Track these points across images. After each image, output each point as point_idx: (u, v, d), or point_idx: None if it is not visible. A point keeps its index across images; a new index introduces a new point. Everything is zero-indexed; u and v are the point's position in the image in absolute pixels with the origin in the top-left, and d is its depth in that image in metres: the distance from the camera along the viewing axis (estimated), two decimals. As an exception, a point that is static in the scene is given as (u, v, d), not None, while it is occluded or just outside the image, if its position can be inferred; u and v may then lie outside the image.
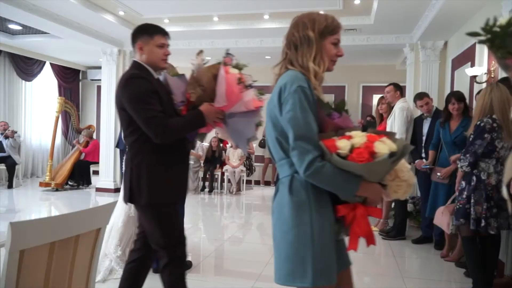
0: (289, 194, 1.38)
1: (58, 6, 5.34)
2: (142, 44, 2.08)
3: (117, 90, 2.00)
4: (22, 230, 1.21)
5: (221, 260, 3.79)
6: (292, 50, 1.50)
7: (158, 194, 1.98)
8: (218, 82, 2.05)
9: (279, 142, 1.41)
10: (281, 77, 1.45)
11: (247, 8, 5.58)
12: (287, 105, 1.35)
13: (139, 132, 1.96)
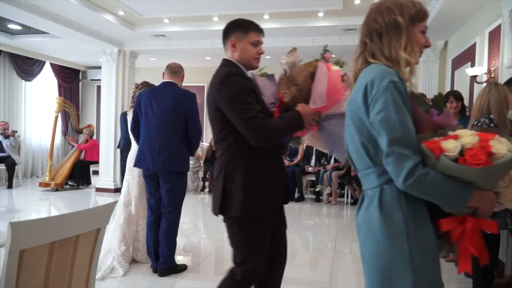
0: (379, 209, 1.18)
1: (58, 6, 5.35)
2: (236, 41, 1.91)
3: (210, 90, 1.84)
4: (22, 230, 1.21)
5: (221, 260, 3.79)
6: (375, 40, 1.26)
7: (253, 205, 1.79)
8: (317, 80, 1.87)
9: (365, 148, 1.22)
10: (363, 73, 1.25)
11: (247, 8, 5.58)
12: (376, 104, 1.15)
13: (234, 135, 1.78)
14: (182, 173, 3.18)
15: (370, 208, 1.22)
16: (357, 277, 3.46)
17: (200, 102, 9.84)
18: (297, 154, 7.50)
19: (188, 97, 3.18)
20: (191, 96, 3.20)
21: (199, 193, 7.67)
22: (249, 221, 1.81)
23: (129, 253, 3.40)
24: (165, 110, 3.10)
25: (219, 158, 1.86)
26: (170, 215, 3.17)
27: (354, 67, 1.32)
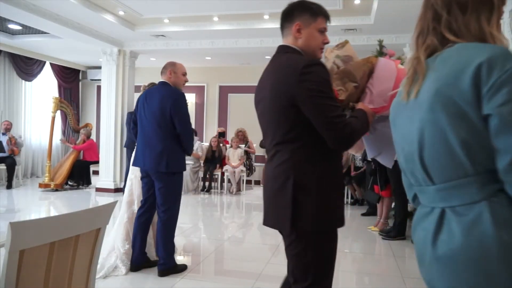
0: (495, 231, 0.87)
1: (58, 6, 5.35)
2: (302, 25, 1.66)
3: (280, 83, 1.54)
4: (22, 230, 1.21)
5: (221, 260, 3.79)
6: (455, 12, 1.02)
7: (326, 219, 1.52)
8: (379, 77, 1.65)
9: (467, 149, 0.92)
10: (457, 51, 0.98)
11: (247, 8, 5.58)
12: (501, 92, 0.87)
13: (303, 138, 1.51)
14: (173, 173, 3.15)
15: (475, 230, 0.90)
16: (357, 277, 3.46)
17: (200, 102, 9.91)
18: (297, 154, 7.49)
19: (172, 97, 3.15)
20: (175, 96, 3.17)
21: (199, 193, 7.67)
22: (322, 238, 1.53)
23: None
24: (152, 111, 3.16)
25: (282, 164, 1.53)
26: (164, 215, 3.17)
27: (421, 45, 1.06)
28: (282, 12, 1.70)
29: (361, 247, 4.39)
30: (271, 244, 4.38)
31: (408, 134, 1.06)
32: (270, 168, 1.60)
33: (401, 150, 1.10)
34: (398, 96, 1.13)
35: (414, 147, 1.03)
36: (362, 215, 5.88)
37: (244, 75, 9.23)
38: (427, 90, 0.99)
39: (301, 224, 1.48)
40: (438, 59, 1.01)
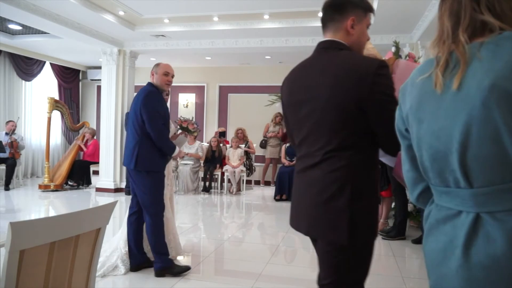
0: None
1: (58, 6, 5.35)
2: (355, 20, 1.48)
3: (356, 83, 1.36)
4: (22, 230, 1.21)
5: (221, 260, 3.79)
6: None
7: (376, 225, 1.47)
8: (401, 79, 1.53)
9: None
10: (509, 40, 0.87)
11: (247, 8, 5.58)
12: None
13: (363, 143, 1.42)
14: (146, 172, 3.12)
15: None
16: (357, 277, 3.46)
17: (200, 102, 9.92)
18: (297, 154, 7.49)
19: (141, 95, 3.19)
20: (144, 93, 3.18)
21: (199, 193, 7.67)
22: (372, 243, 1.48)
23: None
24: (129, 110, 3.32)
25: (338, 170, 1.40)
26: (145, 215, 3.19)
27: (455, 26, 0.94)
28: (331, 4, 1.52)
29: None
30: (271, 244, 4.38)
31: (442, 130, 0.93)
32: (317, 174, 1.44)
33: (428, 147, 0.97)
34: (421, 86, 0.98)
35: (451, 146, 0.91)
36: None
37: (244, 75, 9.24)
38: (478, 83, 0.86)
39: (358, 232, 1.40)
40: (483, 48, 0.88)
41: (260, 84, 9.10)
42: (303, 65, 1.59)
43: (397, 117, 1.10)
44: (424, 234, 1.06)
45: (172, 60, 8.82)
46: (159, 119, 3.12)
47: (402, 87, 1.08)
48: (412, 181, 1.09)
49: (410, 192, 1.13)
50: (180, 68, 9.59)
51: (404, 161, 1.10)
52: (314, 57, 1.57)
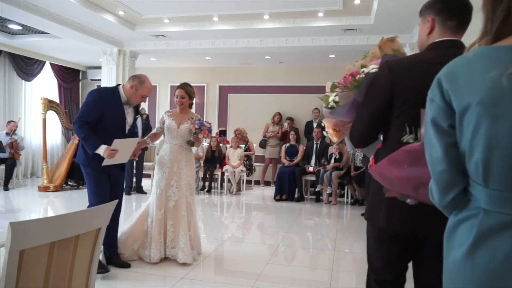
0: None
1: (58, 6, 5.35)
2: (434, 24, 1.51)
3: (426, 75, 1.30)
4: (22, 230, 1.21)
5: (221, 260, 3.79)
6: None
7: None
8: None
9: None
10: None
11: (247, 8, 5.58)
12: None
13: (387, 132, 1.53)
14: (82, 164, 3.27)
15: None
16: (357, 277, 3.46)
17: (200, 102, 9.92)
18: (297, 154, 7.50)
19: None
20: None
21: (199, 193, 7.67)
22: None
23: (137, 255, 3.58)
24: None
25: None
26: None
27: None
28: (470, 7, 1.55)
29: (361, 247, 4.39)
30: (271, 244, 4.38)
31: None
32: None
33: (504, 148, 0.88)
34: (496, 78, 0.89)
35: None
36: (362, 215, 5.88)
37: (244, 75, 9.24)
38: None
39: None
40: None
41: (260, 84, 9.11)
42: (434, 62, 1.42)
43: (435, 111, 0.98)
44: (468, 247, 0.93)
45: (172, 60, 8.85)
46: (87, 115, 3.07)
47: (448, 77, 0.96)
48: (447, 183, 0.98)
49: (440, 195, 1.00)
50: (180, 68, 9.60)
51: (440, 161, 0.98)
52: (445, 54, 1.46)
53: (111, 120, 3.18)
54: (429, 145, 1.01)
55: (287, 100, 8.95)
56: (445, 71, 0.98)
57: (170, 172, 3.58)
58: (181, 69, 9.61)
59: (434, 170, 1.00)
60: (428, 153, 1.02)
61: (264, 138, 8.60)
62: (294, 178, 7.15)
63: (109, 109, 3.16)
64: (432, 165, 1.01)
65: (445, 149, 0.97)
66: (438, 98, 0.97)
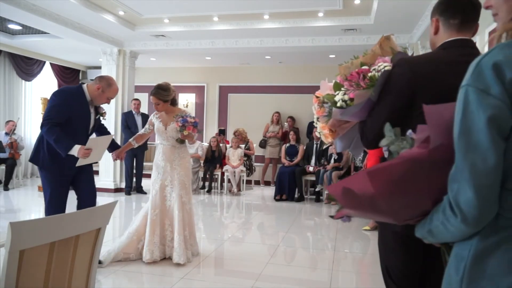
0: None
1: (58, 6, 5.35)
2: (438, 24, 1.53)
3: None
4: (22, 230, 1.21)
5: (221, 260, 3.79)
6: None
7: None
8: None
9: None
10: None
11: (247, 8, 5.58)
12: None
13: None
14: (40, 166, 3.13)
15: None
16: (357, 277, 3.46)
17: (200, 102, 9.92)
18: (297, 154, 7.50)
19: None
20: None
21: (199, 193, 7.67)
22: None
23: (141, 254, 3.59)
24: None
25: None
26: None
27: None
28: (475, 4, 1.50)
29: (361, 247, 4.40)
30: (271, 244, 4.38)
31: None
32: None
33: None
34: None
35: None
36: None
37: (244, 75, 9.23)
38: None
39: None
40: None
41: (260, 84, 9.10)
42: (451, 61, 1.45)
43: (493, 108, 0.79)
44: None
45: (172, 60, 8.85)
46: (56, 116, 3.00)
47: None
48: (494, 199, 0.83)
49: (483, 214, 0.83)
50: (180, 68, 9.60)
51: (492, 173, 0.81)
52: (461, 53, 1.46)
53: (77, 121, 3.12)
54: (473, 151, 0.81)
55: (287, 100, 8.95)
56: (503, 55, 0.79)
57: (164, 172, 3.60)
58: (181, 69, 9.60)
59: (479, 183, 0.80)
60: (471, 162, 0.81)
61: (264, 138, 8.60)
62: (294, 178, 7.15)
63: (76, 110, 3.10)
64: (476, 177, 0.80)
65: (500, 158, 0.79)
66: (498, 91, 0.77)
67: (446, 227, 0.87)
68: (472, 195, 0.80)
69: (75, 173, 3.17)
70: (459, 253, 0.89)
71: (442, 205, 0.87)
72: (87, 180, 3.32)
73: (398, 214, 0.99)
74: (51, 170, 3.08)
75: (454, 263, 0.91)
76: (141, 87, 8.86)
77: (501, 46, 0.82)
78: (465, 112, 0.82)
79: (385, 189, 0.92)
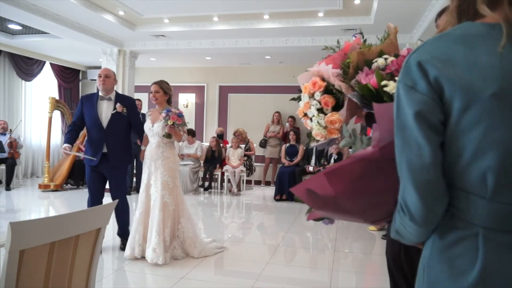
0: None
1: (58, 6, 5.35)
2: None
3: None
4: (22, 230, 1.21)
5: (221, 260, 3.79)
6: None
7: None
8: None
9: None
10: None
11: (247, 8, 5.58)
12: None
13: None
14: None
15: None
16: (357, 277, 3.46)
17: (200, 102, 9.92)
18: (297, 154, 7.50)
19: None
20: None
21: (199, 193, 7.68)
22: None
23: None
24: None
25: None
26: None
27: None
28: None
29: (361, 247, 4.40)
30: (271, 244, 4.38)
31: None
32: None
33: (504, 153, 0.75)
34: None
35: None
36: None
37: (244, 75, 9.23)
38: None
39: None
40: None
41: (260, 84, 9.10)
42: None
43: (419, 103, 0.79)
44: (476, 275, 0.77)
45: (172, 60, 8.84)
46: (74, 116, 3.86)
47: (437, 60, 0.78)
48: (437, 194, 0.80)
49: (425, 211, 0.80)
50: (180, 68, 9.60)
51: (429, 167, 0.79)
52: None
53: (90, 118, 3.71)
54: (408, 148, 0.79)
55: (287, 100, 8.90)
56: (427, 52, 0.79)
57: (149, 172, 3.60)
58: (181, 69, 9.60)
59: (417, 179, 0.78)
60: (407, 158, 0.79)
61: (264, 138, 8.60)
62: (294, 178, 7.15)
63: (86, 107, 3.73)
64: (414, 173, 0.78)
65: (435, 153, 0.78)
66: (423, 86, 0.78)
67: (405, 227, 0.84)
68: (415, 194, 0.78)
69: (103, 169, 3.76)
70: (423, 253, 0.88)
71: (398, 206, 0.85)
72: (111, 181, 3.84)
73: (366, 214, 0.96)
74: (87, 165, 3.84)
75: (420, 263, 0.89)
76: (141, 87, 8.86)
77: (429, 41, 0.82)
78: (398, 108, 0.81)
79: (344, 189, 0.89)
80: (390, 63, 1.24)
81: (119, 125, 3.70)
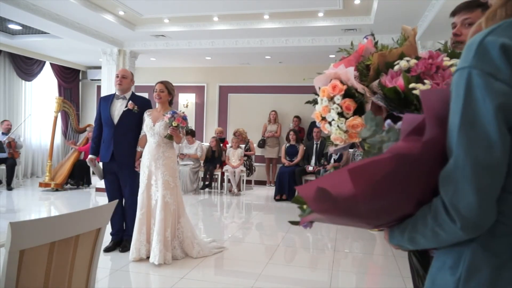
0: None
1: (58, 6, 5.35)
2: None
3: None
4: (22, 230, 1.21)
5: (221, 260, 3.79)
6: None
7: None
8: None
9: None
10: None
11: (247, 8, 5.58)
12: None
13: None
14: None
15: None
16: (357, 277, 3.46)
17: (200, 102, 9.93)
18: (297, 154, 7.50)
19: None
20: None
21: (199, 193, 7.67)
22: None
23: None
24: None
25: None
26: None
27: None
28: None
29: (361, 247, 4.40)
30: (271, 244, 4.38)
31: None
32: None
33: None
34: None
35: None
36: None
37: (244, 75, 9.23)
38: None
39: None
40: None
41: (260, 84, 9.10)
42: None
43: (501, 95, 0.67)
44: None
45: (172, 60, 8.84)
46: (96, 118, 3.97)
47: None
48: (494, 200, 0.72)
49: (484, 216, 0.71)
50: (180, 68, 9.60)
51: (497, 169, 0.71)
52: None
53: (105, 118, 3.82)
54: (476, 146, 0.69)
55: (287, 100, 8.95)
56: (508, 37, 0.68)
57: (149, 171, 3.58)
58: (181, 69, 9.60)
59: (481, 182, 0.69)
60: (474, 157, 0.69)
61: (262, 138, 8.60)
62: (294, 178, 7.15)
63: (104, 108, 3.83)
64: (479, 175, 0.69)
65: (506, 154, 0.69)
66: (507, 75, 0.66)
67: (437, 234, 0.75)
68: (475, 198, 0.69)
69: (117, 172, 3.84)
70: (446, 261, 0.80)
71: (433, 210, 0.75)
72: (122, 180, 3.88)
73: (375, 218, 0.86)
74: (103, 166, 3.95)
75: (445, 271, 0.80)
76: (141, 87, 8.86)
77: (503, 26, 0.71)
78: (468, 99, 0.68)
79: (368, 189, 0.77)
80: (415, 65, 1.19)
81: (130, 123, 3.72)
